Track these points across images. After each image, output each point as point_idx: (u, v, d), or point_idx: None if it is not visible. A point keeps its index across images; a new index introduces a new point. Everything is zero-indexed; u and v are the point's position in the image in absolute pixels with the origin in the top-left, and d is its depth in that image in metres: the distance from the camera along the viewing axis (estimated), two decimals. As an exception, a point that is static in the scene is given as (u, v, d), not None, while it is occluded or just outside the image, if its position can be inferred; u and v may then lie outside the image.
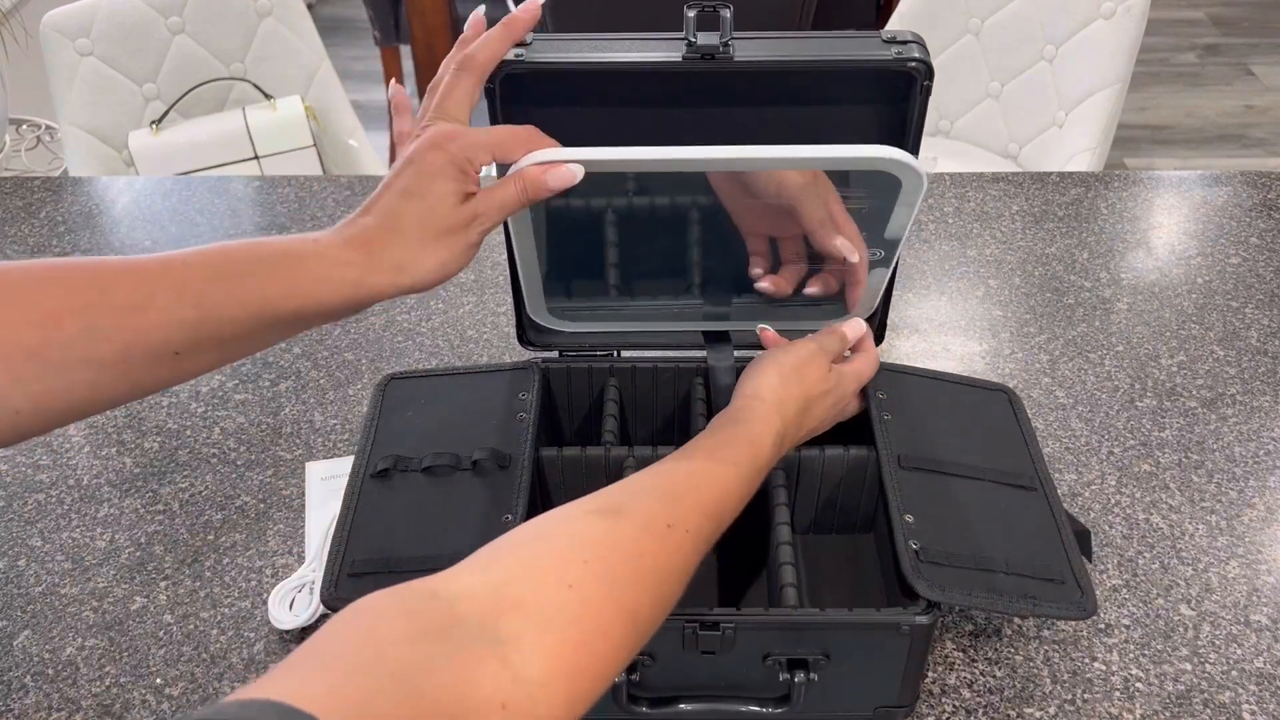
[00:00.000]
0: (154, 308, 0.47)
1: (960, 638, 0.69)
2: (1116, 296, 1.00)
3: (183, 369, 0.50)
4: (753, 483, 0.56)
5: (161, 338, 0.48)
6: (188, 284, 0.48)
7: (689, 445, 0.57)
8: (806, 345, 0.66)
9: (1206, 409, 0.87)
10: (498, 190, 0.54)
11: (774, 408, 0.60)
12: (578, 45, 0.61)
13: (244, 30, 1.64)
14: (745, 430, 0.58)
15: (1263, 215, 1.11)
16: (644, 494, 0.50)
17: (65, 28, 1.52)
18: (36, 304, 0.46)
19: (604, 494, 0.49)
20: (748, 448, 0.57)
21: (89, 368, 0.46)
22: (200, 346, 0.49)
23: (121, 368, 0.47)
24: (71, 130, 1.56)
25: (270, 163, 1.63)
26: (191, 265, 0.49)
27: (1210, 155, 2.73)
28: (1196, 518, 0.77)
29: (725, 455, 0.56)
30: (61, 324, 0.45)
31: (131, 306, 0.47)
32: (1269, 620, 0.70)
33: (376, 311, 0.99)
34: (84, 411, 0.48)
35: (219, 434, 0.86)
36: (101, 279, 0.47)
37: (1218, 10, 3.40)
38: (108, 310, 0.47)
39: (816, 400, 0.64)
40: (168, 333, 0.48)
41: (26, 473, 0.83)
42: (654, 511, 0.48)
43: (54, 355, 0.45)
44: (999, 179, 1.18)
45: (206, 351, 0.50)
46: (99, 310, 0.46)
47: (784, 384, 0.62)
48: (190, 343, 0.48)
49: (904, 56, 0.59)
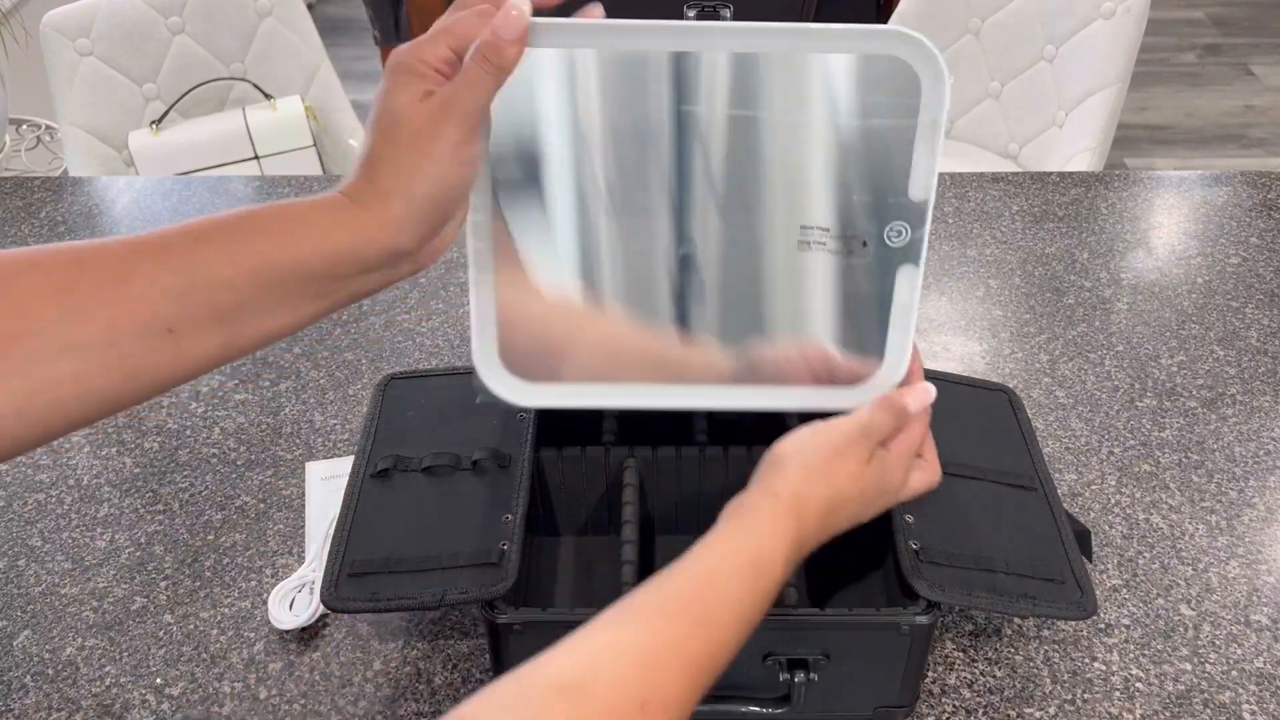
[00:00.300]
0: (137, 277, 0.43)
1: (960, 638, 0.69)
2: (1117, 296, 1.00)
3: (182, 351, 0.44)
4: (759, 610, 0.48)
5: (149, 310, 0.43)
6: (171, 248, 0.44)
7: (687, 557, 0.47)
8: (844, 428, 0.52)
9: (1207, 409, 0.87)
10: (460, 73, 0.47)
11: (789, 509, 0.50)
12: (578, 45, 0.60)
13: (244, 30, 1.64)
14: (752, 542, 0.48)
15: (1263, 215, 1.11)
16: (617, 657, 0.42)
17: (65, 28, 1.52)
18: (10, 290, 0.41)
19: (568, 651, 0.42)
20: (752, 570, 0.47)
21: (72, 355, 0.42)
22: (197, 320, 0.44)
23: (109, 352, 0.42)
24: (71, 130, 1.56)
25: (270, 163, 1.63)
26: (176, 231, 0.45)
27: (1210, 155, 2.73)
28: (1197, 518, 0.77)
29: (724, 586, 0.46)
30: (37, 309, 0.41)
31: (112, 279, 0.43)
32: (1269, 620, 0.70)
33: (376, 311, 0.99)
34: (77, 412, 0.43)
35: (219, 434, 0.86)
36: (82, 256, 0.43)
37: (1218, 10, 3.40)
38: (87, 287, 0.42)
39: (846, 502, 0.52)
40: (155, 305, 0.43)
41: (26, 473, 0.83)
42: (625, 686, 0.41)
43: (33, 344, 0.41)
44: (999, 179, 1.18)
45: (205, 327, 0.45)
46: (79, 288, 0.42)
47: (806, 479, 0.51)
48: (184, 316, 0.44)
49: (904, 56, 0.59)
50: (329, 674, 0.67)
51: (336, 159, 1.72)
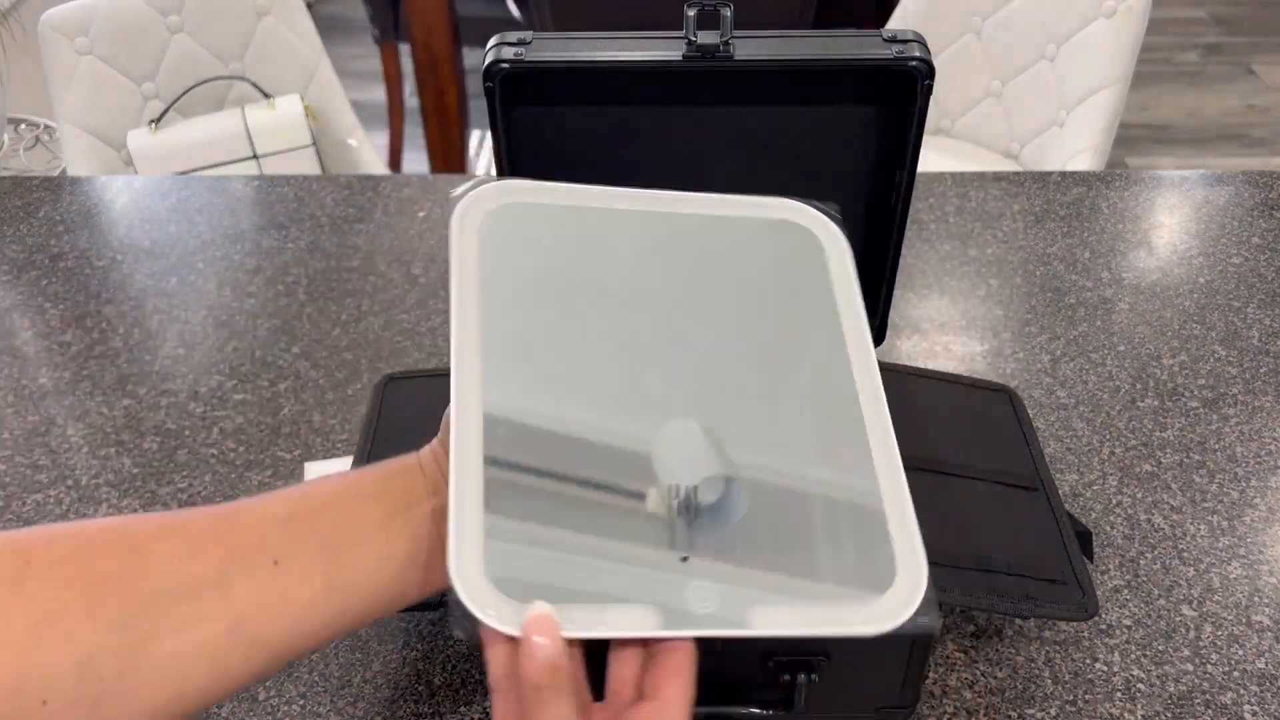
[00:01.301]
0: (242, 511, 0.42)
1: (961, 638, 0.69)
2: (1118, 296, 1.00)
3: (286, 588, 0.41)
4: None
5: (257, 538, 0.42)
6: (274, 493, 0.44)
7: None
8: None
9: (1208, 409, 0.87)
10: None
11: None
12: (577, 44, 0.60)
13: (243, 29, 1.64)
14: None
15: (1264, 215, 1.11)
16: None
17: (64, 27, 1.51)
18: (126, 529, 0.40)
19: None
20: None
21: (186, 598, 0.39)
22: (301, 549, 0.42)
23: (216, 595, 0.40)
24: (70, 129, 1.56)
25: (269, 162, 1.62)
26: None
27: (1212, 155, 2.73)
28: (1198, 518, 0.77)
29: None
30: (148, 545, 0.40)
31: (221, 513, 0.42)
32: (1271, 621, 0.69)
33: (375, 311, 0.99)
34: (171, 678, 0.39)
35: (218, 434, 0.86)
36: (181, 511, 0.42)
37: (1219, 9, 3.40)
38: (199, 521, 0.41)
39: None
40: (263, 531, 0.42)
41: (25, 473, 0.83)
42: None
43: (149, 584, 0.39)
44: (1000, 178, 1.18)
45: (308, 555, 0.42)
46: (191, 524, 0.41)
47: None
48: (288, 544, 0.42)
49: (905, 55, 0.59)
50: (328, 675, 0.67)
51: (335, 158, 1.72)
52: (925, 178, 1.17)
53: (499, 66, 0.59)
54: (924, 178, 1.17)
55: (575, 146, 0.66)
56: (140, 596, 0.38)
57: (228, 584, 0.40)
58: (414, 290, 1.02)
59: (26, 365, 0.94)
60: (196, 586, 0.39)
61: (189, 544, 0.40)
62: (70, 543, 0.39)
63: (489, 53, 0.61)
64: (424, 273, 1.04)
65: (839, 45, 0.60)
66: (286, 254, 1.08)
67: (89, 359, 0.95)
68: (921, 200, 1.14)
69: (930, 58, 0.60)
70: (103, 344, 0.96)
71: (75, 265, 1.07)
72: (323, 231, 1.11)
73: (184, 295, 1.03)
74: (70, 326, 0.99)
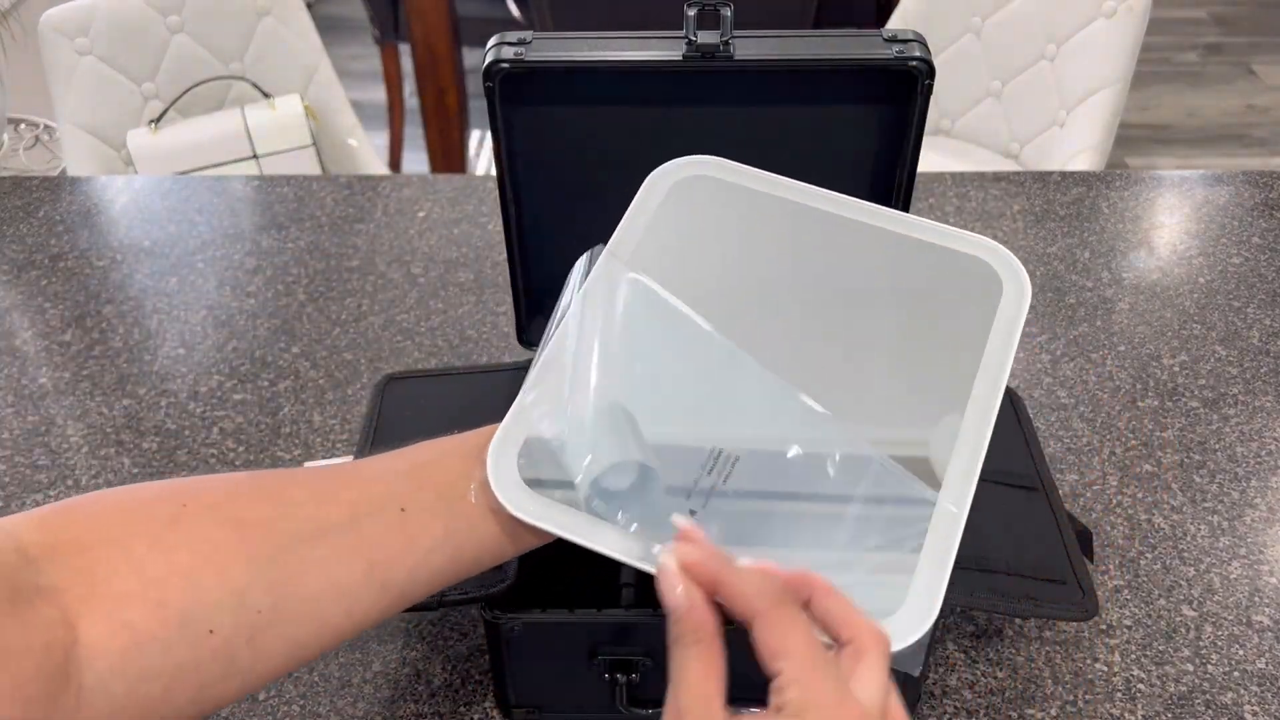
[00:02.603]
0: (368, 463, 0.47)
1: (961, 639, 0.69)
2: (1118, 296, 1.00)
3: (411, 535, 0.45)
4: None
5: (384, 489, 0.46)
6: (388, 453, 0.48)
7: None
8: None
9: (1208, 409, 0.87)
10: None
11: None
12: (577, 44, 0.60)
13: (243, 29, 1.64)
14: None
15: (1264, 215, 1.11)
16: None
17: (64, 27, 1.51)
18: (260, 481, 0.45)
19: None
20: None
21: (322, 540, 0.43)
22: (423, 501, 0.46)
23: (349, 536, 0.44)
24: (70, 129, 1.55)
25: (269, 162, 1.62)
26: None
27: (1212, 155, 2.73)
28: (1198, 518, 0.77)
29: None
30: (287, 493, 0.44)
31: (348, 469, 0.46)
32: (1271, 621, 0.69)
33: (375, 311, 0.99)
34: (319, 616, 0.43)
35: (218, 434, 0.86)
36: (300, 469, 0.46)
37: (1219, 9, 3.39)
38: (325, 474, 0.45)
39: None
40: (389, 483, 0.46)
41: (25, 473, 0.83)
42: None
43: (286, 528, 0.43)
44: (1000, 178, 1.18)
45: (431, 507, 0.46)
46: (317, 476, 0.45)
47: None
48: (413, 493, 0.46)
49: (905, 55, 0.59)
50: (328, 675, 0.67)
51: (335, 158, 1.72)
52: (925, 178, 1.17)
53: (499, 66, 0.59)
54: (924, 178, 1.17)
55: (575, 146, 0.66)
56: (281, 538, 0.42)
57: (359, 527, 0.43)
58: (414, 290, 1.02)
59: (26, 365, 0.94)
60: (332, 530, 0.43)
61: (321, 493, 0.44)
62: (219, 490, 0.43)
63: (489, 53, 0.61)
64: (424, 273, 1.04)
65: (839, 45, 0.60)
66: (286, 254, 1.08)
67: (89, 359, 0.95)
68: (921, 200, 1.14)
69: (930, 57, 0.59)
70: (102, 344, 0.96)
71: (75, 265, 1.07)
72: (322, 231, 1.11)
73: (184, 295, 1.02)
74: (70, 326, 0.99)
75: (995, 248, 0.54)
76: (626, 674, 0.60)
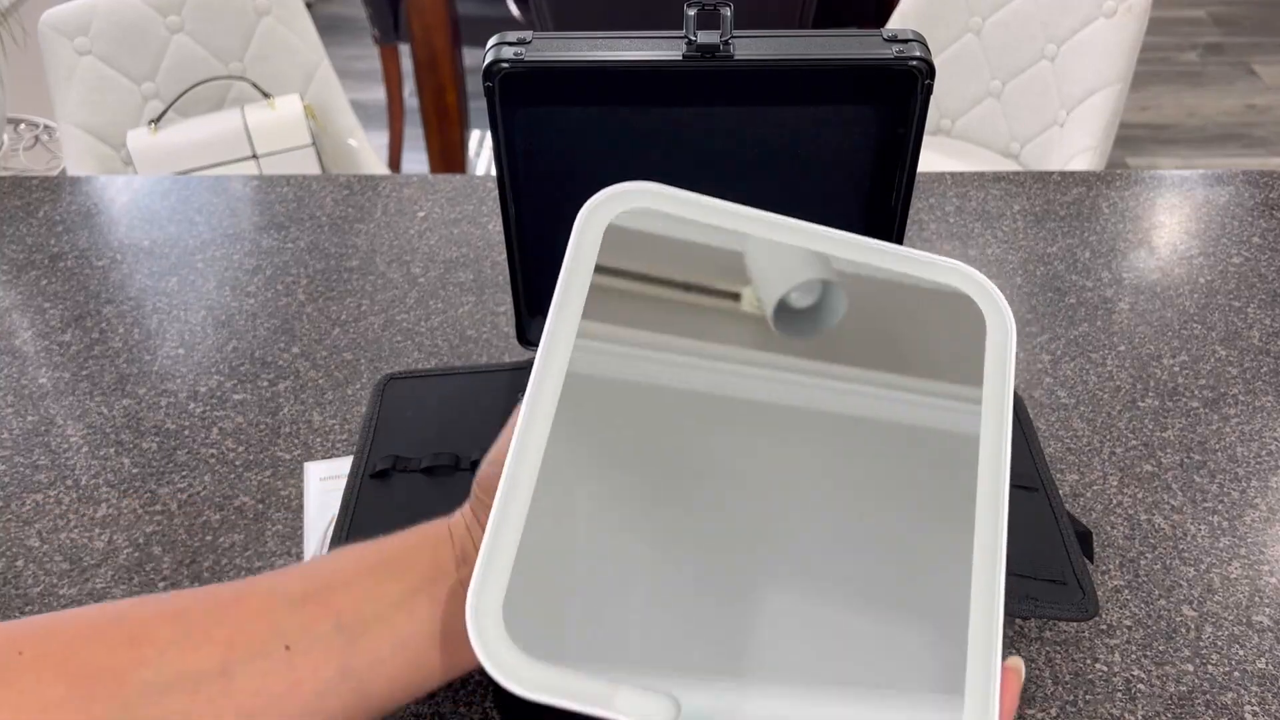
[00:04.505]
0: (253, 593, 0.40)
1: (961, 639, 0.68)
2: (1118, 296, 1.00)
3: (297, 676, 0.39)
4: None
5: (267, 626, 0.39)
6: (290, 569, 0.42)
7: None
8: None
9: (1209, 409, 0.87)
10: None
11: None
12: (577, 43, 0.60)
13: (243, 29, 1.64)
14: None
15: (1265, 215, 1.11)
16: None
17: (63, 26, 1.51)
18: (125, 618, 0.38)
19: None
20: None
21: (182, 688, 0.37)
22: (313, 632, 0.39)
23: (219, 683, 0.38)
24: (70, 129, 1.56)
25: (269, 162, 1.62)
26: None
27: (1212, 154, 2.73)
28: (1199, 518, 0.77)
29: None
30: (150, 632, 0.38)
31: (229, 597, 0.40)
32: (1271, 621, 0.69)
33: (375, 311, 0.99)
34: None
35: (217, 434, 0.86)
36: (193, 591, 0.40)
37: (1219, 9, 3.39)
38: (204, 605, 0.39)
39: None
40: (273, 616, 0.40)
41: (24, 473, 0.83)
42: None
43: (144, 676, 0.37)
44: (1000, 178, 1.18)
45: (323, 640, 0.40)
46: (194, 610, 0.39)
47: None
48: (300, 627, 0.39)
49: (905, 55, 0.59)
50: (327, 675, 0.67)
51: (335, 158, 1.72)
52: (925, 178, 1.17)
53: (499, 66, 0.59)
54: (924, 178, 1.17)
55: (575, 146, 0.66)
56: (133, 689, 0.36)
57: (231, 674, 0.37)
58: (414, 290, 1.02)
59: (26, 365, 0.94)
60: (196, 678, 0.37)
61: (190, 632, 0.38)
62: (67, 634, 0.37)
63: (489, 52, 0.61)
64: (424, 273, 1.04)
65: (839, 45, 0.60)
66: (286, 254, 1.08)
67: (88, 359, 0.95)
68: (921, 200, 1.14)
69: (930, 57, 0.59)
70: (102, 344, 0.96)
71: (75, 265, 1.07)
72: (322, 231, 1.11)
73: (183, 295, 1.02)
74: (70, 326, 0.99)
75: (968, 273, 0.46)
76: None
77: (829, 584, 0.39)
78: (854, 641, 0.38)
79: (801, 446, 0.42)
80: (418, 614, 0.40)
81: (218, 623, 0.38)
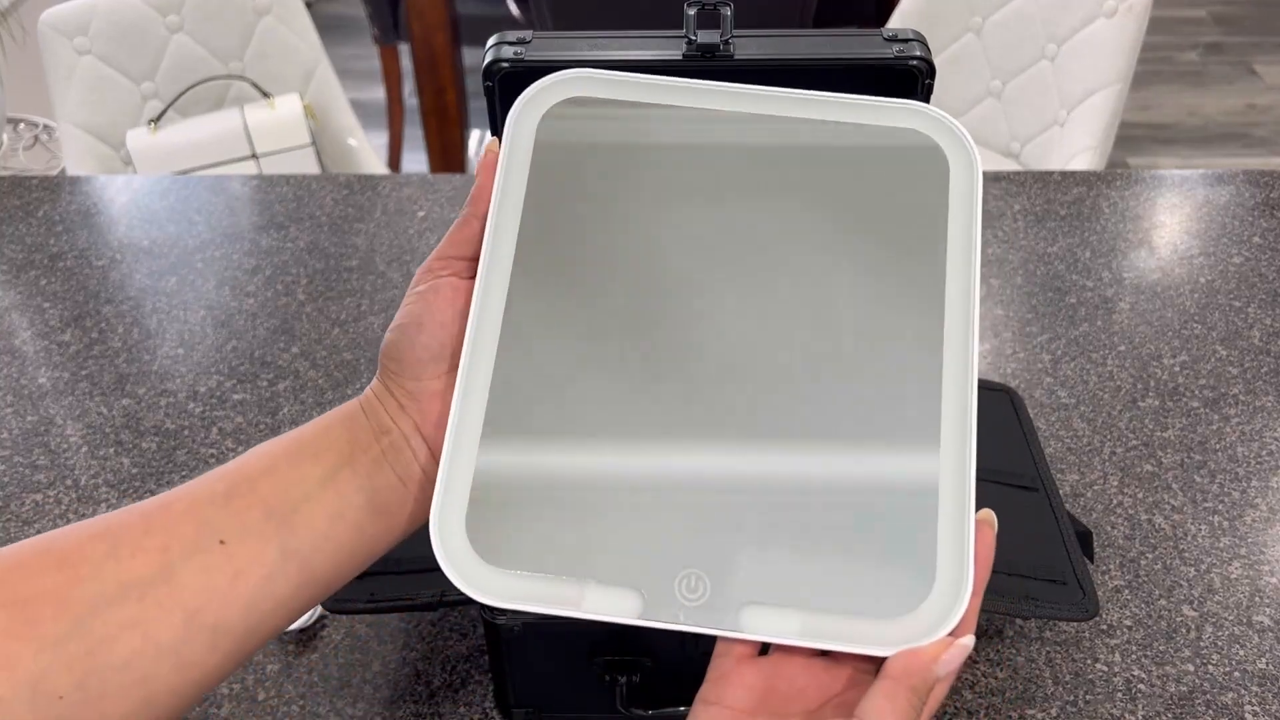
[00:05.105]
0: (179, 498, 0.40)
1: (962, 639, 0.68)
2: (1119, 296, 1.00)
3: (238, 569, 0.39)
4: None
5: (196, 523, 0.40)
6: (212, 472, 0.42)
7: None
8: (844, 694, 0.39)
9: (1209, 409, 0.86)
10: None
11: None
12: (577, 43, 0.60)
13: (242, 29, 1.64)
14: None
15: (1265, 214, 1.11)
16: None
17: (63, 26, 1.51)
18: (52, 545, 0.38)
19: None
20: None
21: (128, 599, 0.37)
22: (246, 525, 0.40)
23: (162, 589, 0.38)
24: (69, 129, 1.55)
25: (269, 161, 1.62)
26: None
27: (1213, 154, 2.73)
28: (1199, 518, 0.77)
29: None
30: (83, 552, 0.38)
31: (157, 505, 0.40)
32: (1272, 621, 0.69)
33: (374, 311, 0.99)
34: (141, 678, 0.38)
35: (217, 434, 0.86)
36: (115, 512, 0.40)
37: (1220, 9, 3.39)
38: (131, 519, 0.39)
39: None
40: (202, 514, 0.40)
41: (24, 473, 0.83)
42: None
43: (85, 591, 0.37)
44: (1001, 178, 1.18)
45: (257, 530, 0.40)
46: (121, 523, 0.39)
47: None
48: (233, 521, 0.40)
49: (905, 54, 0.59)
50: (327, 675, 0.67)
51: (335, 158, 1.72)
52: (925, 177, 1.17)
53: (499, 66, 0.59)
54: (924, 177, 1.17)
55: (575, 146, 0.66)
56: (79, 607, 0.36)
57: (172, 577, 0.38)
58: (413, 290, 1.02)
59: (25, 365, 0.94)
60: (140, 585, 0.37)
61: (120, 544, 0.38)
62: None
63: (489, 52, 0.61)
64: (424, 272, 1.04)
65: (839, 44, 0.60)
66: (286, 253, 1.08)
67: (88, 359, 0.95)
68: (922, 200, 1.14)
69: (931, 57, 0.59)
70: (101, 344, 0.96)
71: (74, 265, 1.07)
72: (322, 231, 1.11)
73: (183, 295, 1.02)
74: (69, 326, 0.99)
75: (928, 112, 0.46)
76: (626, 674, 0.60)
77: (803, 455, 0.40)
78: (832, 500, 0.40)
79: (767, 297, 0.42)
80: (344, 489, 0.41)
81: (146, 532, 0.38)
